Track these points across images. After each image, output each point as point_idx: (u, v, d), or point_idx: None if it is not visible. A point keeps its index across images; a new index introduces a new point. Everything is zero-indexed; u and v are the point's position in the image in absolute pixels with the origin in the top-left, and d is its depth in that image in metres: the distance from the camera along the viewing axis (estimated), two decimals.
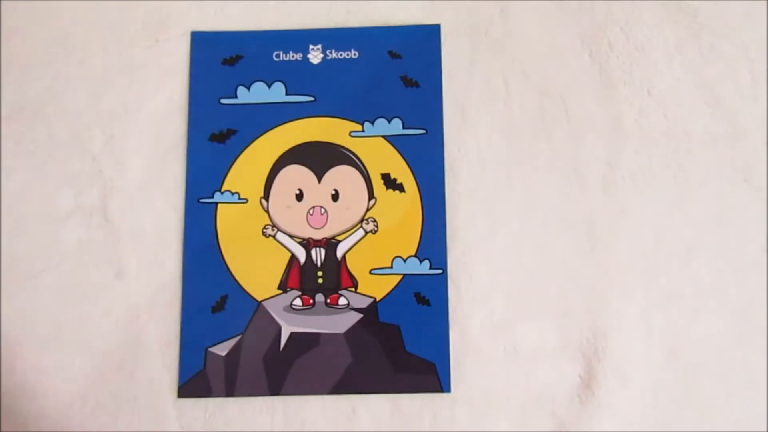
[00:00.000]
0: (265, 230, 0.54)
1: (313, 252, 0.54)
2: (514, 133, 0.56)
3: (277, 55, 0.57)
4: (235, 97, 0.56)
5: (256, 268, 0.54)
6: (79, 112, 0.57)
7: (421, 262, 0.54)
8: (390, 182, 0.55)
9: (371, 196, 0.55)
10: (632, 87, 0.57)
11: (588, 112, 0.56)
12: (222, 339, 0.53)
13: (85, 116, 0.57)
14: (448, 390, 0.52)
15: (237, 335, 0.53)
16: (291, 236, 0.55)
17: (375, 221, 0.55)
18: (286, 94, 0.56)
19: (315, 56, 0.57)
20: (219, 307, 0.53)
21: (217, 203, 0.55)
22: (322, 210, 0.55)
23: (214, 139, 0.55)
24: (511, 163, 0.56)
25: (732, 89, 0.57)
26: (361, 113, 0.56)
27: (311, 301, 0.54)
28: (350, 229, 0.55)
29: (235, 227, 0.54)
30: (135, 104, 0.57)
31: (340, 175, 0.55)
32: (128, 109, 0.57)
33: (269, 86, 0.56)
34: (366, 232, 0.54)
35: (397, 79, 0.56)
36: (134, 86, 0.57)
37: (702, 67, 0.57)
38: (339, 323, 0.53)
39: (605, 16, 0.58)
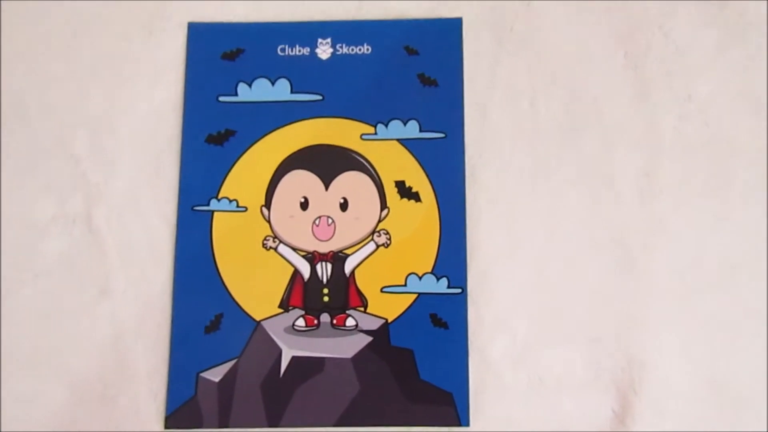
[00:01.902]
0: (265, 242, 0.53)
1: (318, 267, 0.52)
2: (541, 139, 0.54)
3: (282, 50, 0.55)
4: (235, 94, 0.54)
5: (255, 284, 0.52)
6: (62, 111, 0.55)
7: (438, 280, 0.52)
8: (405, 191, 0.53)
9: (384, 205, 0.53)
10: (671, 91, 0.55)
11: (622, 117, 0.54)
12: (215, 363, 0.51)
13: (70, 115, 0.55)
14: (467, 423, 0.50)
15: (232, 359, 0.51)
16: (294, 249, 0.53)
17: (388, 234, 0.53)
18: (292, 92, 0.54)
19: (323, 51, 0.55)
20: (213, 327, 0.51)
21: (213, 211, 0.53)
22: (329, 220, 0.53)
23: (212, 140, 0.54)
24: (538, 172, 0.54)
25: None
26: (373, 114, 0.54)
27: (316, 322, 0.52)
28: (360, 242, 0.53)
29: (233, 238, 0.53)
30: (124, 103, 0.55)
31: (350, 182, 0.53)
32: (117, 108, 0.55)
33: (273, 83, 0.55)
34: (377, 246, 0.52)
35: (413, 78, 0.54)
36: (124, 83, 0.55)
37: (747, 70, 0.55)
38: (346, 347, 0.51)
39: (642, 13, 0.56)
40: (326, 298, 0.52)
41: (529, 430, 0.50)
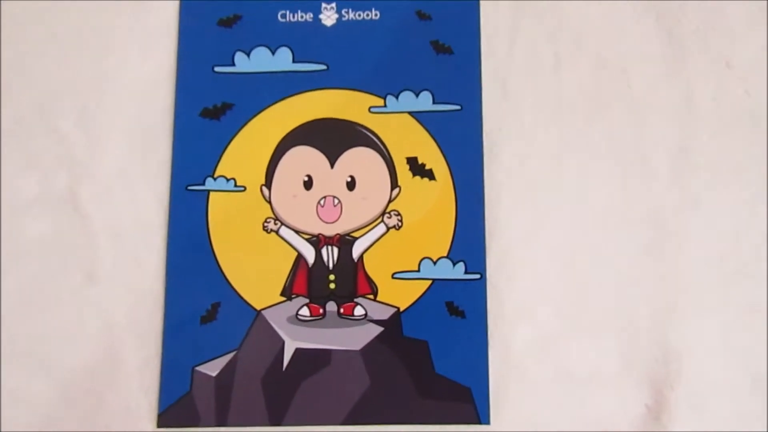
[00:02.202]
0: (266, 224, 0.51)
1: (323, 251, 0.51)
2: (566, 112, 0.52)
3: (283, 15, 0.53)
4: (233, 65, 0.53)
5: (255, 270, 0.50)
6: (46, 82, 0.53)
7: (454, 264, 0.50)
8: (417, 168, 0.51)
9: (394, 184, 0.51)
10: (708, 57, 0.53)
11: (654, 86, 0.53)
12: (212, 356, 0.49)
13: (54, 87, 0.53)
14: (487, 421, 0.48)
15: (230, 352, 0.49)
16: (297, 232, 0.51)
17: (399, 215, 0.51)
18: (293, 61, 0.53)
19: (328, 17, 0.53)
20: (209, 317, 0.50)
21: (208, 191, 0.51)
22: (335, 201, 0.51)
23: (207, 114, 0.52)
24: (562, 147, 0.52)
25: None
26: (382, 85, 0.52)
27: (321, 311, 0.50)
28: (369, 224, 0.51)
29: (231, 220, 0.51)
30: (113, 73, 0.53)
31: (358, 159, 0.52)
32: (105, 79, 0.53)
33: (273, 52, 0.53)
34: (388, 228, 0.51)
35: (426, 45, 0.53)
36: (112, 52, 0.54)
37: None
38: (354, 338, 0.49)
39: None
40: (332, 285, 0.51)
41: (554, 429, 0.49)
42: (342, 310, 0.50)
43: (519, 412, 0.49)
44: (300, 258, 0.51)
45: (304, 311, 0.50)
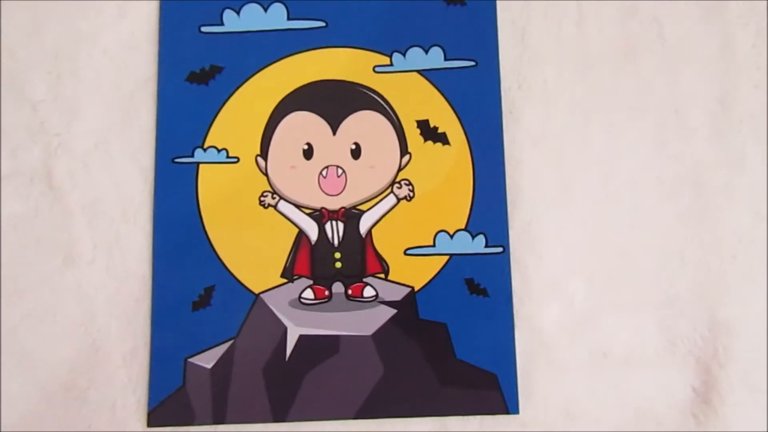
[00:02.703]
0: (263, 199, 0.50)
1: (327, 227, 0.50)
2: (592, 66, 0.51)
3: None
4: (221, 23, 0.52)
5: (252, 249, 0.49)
6: (15, 47, 0.52)
7: (473, 237, 0.49)
8: (429, 132, 0.50)
9: (404, 150, 0.50)
10: (747, 1, 0.51)
11: (689, 35, 0.51)
12: (207, 346, 0.48)
13: (24, 52, 0.52)
14: (516, 410, 0.47)
15: (227, 340, 0.48)
16: (298, 206, 0.50)
17: (410, 184, 0.50)
18: (288, 18, 0.52)
19: None
20: (203, 302, 0.49)
21: (198, 164, 0.50)
22: (339, 171, 0.50)
23: (194, 79, 0.51)
24: (589, 105, 0.50)
25: None
26: (388, 42, 0.51)
27: (327, 293, 0.49)
28: (377, 196, 0.50)
29: (224, 195, 0.50)
30: (88, 35, 0.52)
31: (362, 124, 0.50)
32: (79, 42, 0.52)
33: (265, 9, 0.52)
34: (398, 199, 0.50)
35: None
36: (88, 12, 0.52)
37: None
38: (365, 322, 0.48)
39: None
40: (339, 264, 0.49)
41: (590, 417, 0.47)
42: (350, 292, 0.49)
43: (551, 400, 0.47)
44: (301, 235, 0.49)
45: (308, 294, 0.49)
